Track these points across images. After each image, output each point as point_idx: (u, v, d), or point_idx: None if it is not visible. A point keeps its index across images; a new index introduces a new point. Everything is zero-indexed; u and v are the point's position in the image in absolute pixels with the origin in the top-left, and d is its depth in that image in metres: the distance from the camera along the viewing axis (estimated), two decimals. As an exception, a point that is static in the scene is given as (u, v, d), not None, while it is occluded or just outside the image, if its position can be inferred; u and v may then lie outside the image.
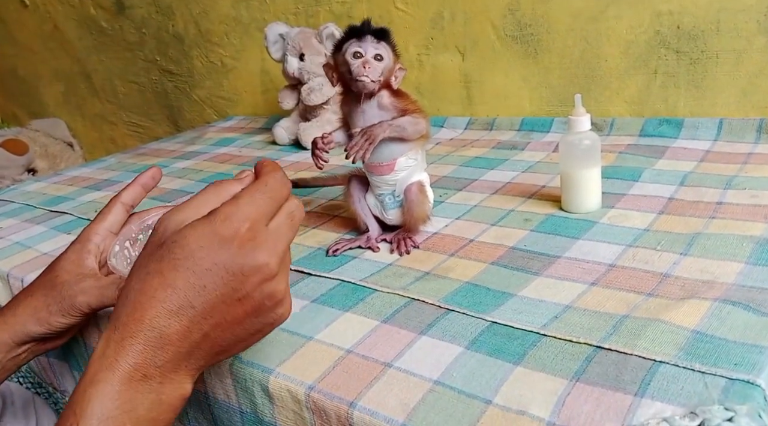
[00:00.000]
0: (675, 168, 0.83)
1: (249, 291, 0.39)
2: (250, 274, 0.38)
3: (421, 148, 0.70)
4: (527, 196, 0.81)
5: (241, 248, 0.38)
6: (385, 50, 0.65)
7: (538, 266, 0.62)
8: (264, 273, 0.39)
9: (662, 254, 0.60)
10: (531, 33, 1.08)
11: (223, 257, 0.38)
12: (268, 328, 0.42)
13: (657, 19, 0.96)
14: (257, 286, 0.39)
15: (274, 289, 0.40)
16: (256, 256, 0.38)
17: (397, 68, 0.68)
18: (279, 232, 0.41)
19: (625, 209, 0.72)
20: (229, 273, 0.38)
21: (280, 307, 0.41)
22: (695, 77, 0.96)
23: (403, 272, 0.65)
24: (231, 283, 0.38)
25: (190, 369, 0.40)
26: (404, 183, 0.70)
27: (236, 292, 0.39)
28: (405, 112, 0.67)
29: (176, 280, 0.38)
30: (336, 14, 1.30)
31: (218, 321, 0.39)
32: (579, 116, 0.71)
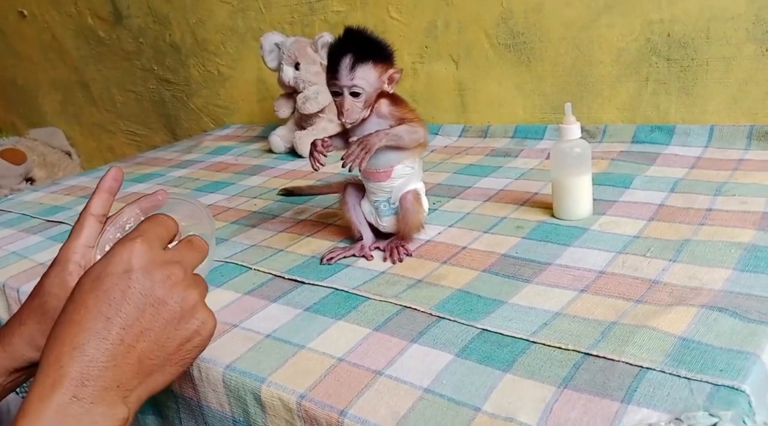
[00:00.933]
0: (666, 174, 0.83)
1: (160, 296, 0.42)
2: (156, 277, 0.43)
3: (418, 156, 0.71)
4: (520, 203, 0.82)
5: (140, 257, 0.43)
6: (363, 77, 0.64)
7: (529, 273, 0.62)
8: (170, 277, 0.43)
9: (651, 261, 0.61)
10: (524, 41, 1.09)
11: (127, 266, 0.42)
12: (197, 339, 0.44)
13: (648, 27, 0.97)
14: (168, 289, 0.43)
15: (185, 293, 0.44)
16: (155, 260, 0.43)
17: (390, 74, 0.67)
18: (178, 250, 0.47)
19: (615, 216, 0.73)
20: (135, 280, 0.42)
21: (198, 312, 0.44)
22: (686, 84, 0.97)
23: (396, 280, 0.65)
24: (139, 290, 0.42)
25: (122, 389, 0.40)
26: (400, 191, 0.70)
27: (147, 298, 0.42)
28: (403, 121, 0.68)
29: (86, 301, 0.41)
30: (331, 23, 1.31)
31: (137, 331, 0.41)
32: (569, 125, 0.72)
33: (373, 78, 0.65)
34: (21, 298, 0.77)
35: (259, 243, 0.81)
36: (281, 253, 0.76)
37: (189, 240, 0.48)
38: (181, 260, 0.45)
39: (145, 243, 0.43)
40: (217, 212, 0.95)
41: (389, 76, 0.67)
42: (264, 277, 0.70)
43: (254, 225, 0.88)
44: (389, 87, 0.67)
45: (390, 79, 0.67)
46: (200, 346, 0.45)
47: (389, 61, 0.67)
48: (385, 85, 0.67)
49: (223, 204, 0.99)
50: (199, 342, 0.45)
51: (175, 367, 0.44)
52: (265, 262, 0.74)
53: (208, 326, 0.45)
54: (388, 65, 0.67)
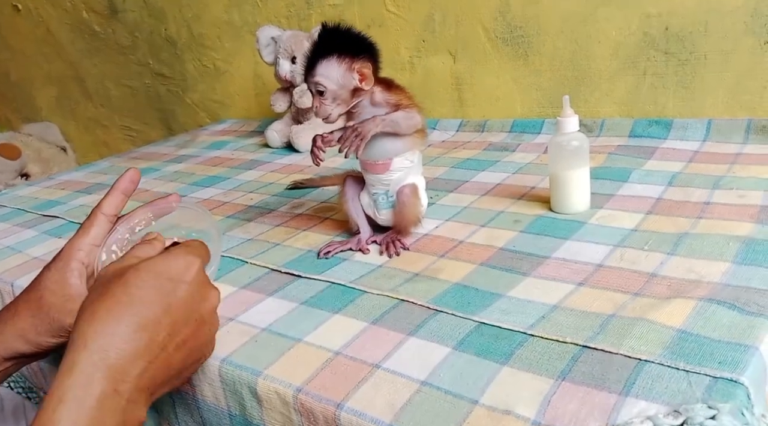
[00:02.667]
0: (664, 168, 0.83)
1: (203, 314, 0.46)
2: (204, 296, 0.46)
3: (418, 148, 0.71)
4: (517, 197, 0.81)
5: (198, 275, 0.46)
6: (324, 74, 0.64)
7: (527, 267, 0.62)
8: (212, 299, 0.47)
9: (649, 254, 0.61)
10: (521, 35, 1.08)
11: (187, 279, 0.45)
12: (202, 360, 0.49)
13: (646, 20, 0.96)
14: (208, 311, 0.47)
15: (215, 320, 0.48)
16: (205, 281, 0.47)
17: (356, 69, 0.64)
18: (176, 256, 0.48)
19: (613, 210, 0.73)
20: (190, 293, 0.45)
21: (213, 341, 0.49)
22: (684, 78, 0.96)
23: (393, 274, 0.65)
24: (191, 303, 0.44)
25: (150, 393, 0.42)
26: (398, 184, 0.70)
27: (194, 313, 0.45)
28: (398, 107, 0.67)
29: (146, 296, 0.42)
30: (328, 17, 1.30)
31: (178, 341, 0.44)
32: (567, 117, 0.71)
33: (337, 74, 0.64)
34: (15, 292, 0.76)
35: (255, 237, 0.80)
36: (278, 247, 0.76)
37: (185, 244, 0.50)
38: (214, 288, 0.48)
39: (201, 262, 0.47)
40: (214, 206, 0.95)
41: (358, 70, 0.64)
42: (260, 270, 0.70)
43: (250, 219, 0.87)
44: (364, 83, 0.65)
45: (360, 73, 0.64)
46: (199, 361, 0.49)
47: (362, 57, 0.64)
48: (356, 81, 0.65)
49: (219, 198, 0.99)
50: (201, 364, 0.50)
51: (178, 379, 0.46)
52: (262, 256, 0.73)
53: (209, 352, 0.49)
54: (359, 60, 0.64)
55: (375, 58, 0.67)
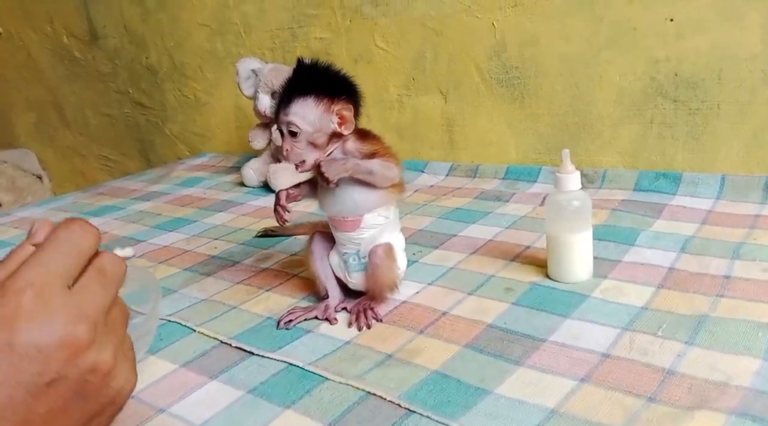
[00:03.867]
0: (674, 230, 0.74)
1: (58, 371, 0.32)
2: (51, 351, 0.32)
3: (394, 203, 0.62)
4: (510, 258, 0.72)
5: (29, 322, 0.31)
6: (299, 114, 0.56)
7: (520, 352, 0.53)
8: (71, 345, 0.32)
9: (664, 342, 0.51)
10: (517, 76, 1.01)
11: (9, 338, 0.31)
12: (111, 409, 0.36)
13: (653, 65, 0.89)
14: (67, 362, 0.32)
15: (94, 361, 0.33)
16: (53, 328, 0.32)
17: (336, 111, 0.57)
18: (86, 292, 0.35)
19: (619, 280, 0.63)
20: (24, 355, 0.31)
21: (114, 380, 0.34)
22: (694, 129, 0.88)
23: (362, 354, 0.55)
24: (29, 368, 0.31)
25: None
26: (371, 243, 0.61)
27: (41, 377, 0.31)
28: (373, 156, 0.59)
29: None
30: (314, 51, 1.22)
31: (27, 419, 0.31)
32: (567, 173, 0.62)
33: (314, 116, 0.56)
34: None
35: (210, 297, 0.70)
36: (233, 311, 0.66)
37: (99, 269, 0.36)
38: (88, 309, 0.34)
39: (37, 296, 0.32)
40: (172, 256, 0.85)
41: (337, 112, 0.57)
42: (208, 342, 0.60)
43: (209, 273, 0.77)
44: (342, 127, 0.58)
45: (340, 117, 0.57)
46: (115, 413, 0.36)
47: (342, 98, 0.57)
48: (335, 124, 0.57)
49: (180, 245, 0.89)
50: (112, 412, 0.36)
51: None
52: (213, 322, 0.64)
53: (125, 390, 0.35)
54: (339, 101, 0.57)
55: (356, 100, 0.60)
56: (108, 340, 0.34)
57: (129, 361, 0.36)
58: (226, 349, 0.58)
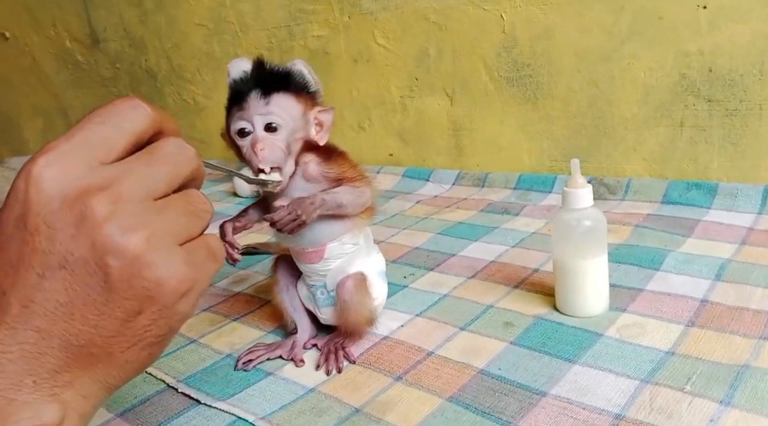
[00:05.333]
0: (708, 252, 0.63)
1: (74, 251, 0.25)
2: (57, 223, 0.25)
3: (363, 227, 0.53)
4: (514, 284, 0.62)
5: (44, 192, 0.25)
6: (280, 108, 0.47)
7: (514, 410, 0.43)
8: (88, 212, 0.25)
9: (693, 401, 0.41)
10: (529, 74, 0.90)
11: (21, 212, 0.26)
12: (151, 307, 0.27)
13: (683, 59, 0.78)
14: (76, 237, 0.25)
15: (111, 239, 0.25)
16: (68, 191, 0.25)
17: (316, 113, 0.49)
18: (120, 166, 0.27)
19: (640, 315, 0.53)
20: (36, 230, 0.25)
21: (147, 269, 0.26)
22: (732, 132, 0.77)
23: (326, 406, 0.46)
24: (44, 244, 0.25)
25: (44, 385, 0.26)
26: (338, 275, 0.52)
27: (50, 257, 0.25)
28: (340, 182, 0.50)
29: None
30: (311, 50, 1.14)
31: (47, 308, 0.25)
32: (576, 188, 0.52)
33: (296, 112, 0.48)
34: None
35: (171, 327, 0.62)
36: (192, 345, 0.58)
37: (149, 149, 0.29)
38: (117, 181, 0.26)
39: (57, 162, 0.26)
40: (143, 276, 0.77)
41: (317, 116, 0.49)
42: (154, 385, 0.52)
43: (177, 298, 0.69)
44: (320, 134, 0.49)
45: (318, 122, 0.50)
46: (163, 316, 0.27)
47: (315, 99, 0.50)
48: (313, 128, 0.49)
49: (154, 264, 0.81)
50: (157, 312, 0.27)
51: (131, 351, 0.27)
52: (167, 359, 0.56)
53: (171, 284, 0.27)
54: (313, 102, 0.50)
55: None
56: (139, 221, 0.26)
57: (179, 257, 0.27)
58: (171, 396, 0.50)
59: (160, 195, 0.27)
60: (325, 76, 1.12)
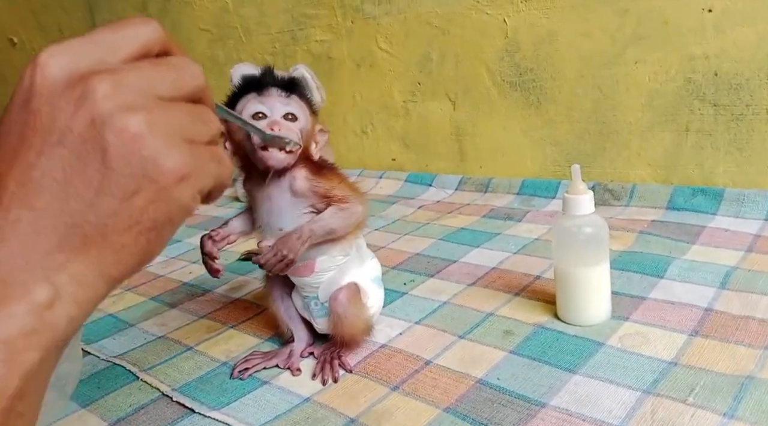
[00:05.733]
0: (714, 259, 0.62)
1: (66, 123, 0.24)
2: (65, 96, 0.24)
3: (353, 239, 0.52)
4: (515, 291, 0.62)
5: (48, 70, 0.25)
6: (299, 107, 0.48)
7: (512, 421, 0.42)
8: (89, 89, 0.24)
9: (696, 413, 0.40)
10: (532, 79, 0.89)
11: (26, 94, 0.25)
12: (149, 187, 0.25)
13: (688, 64, 0.77)
14: (80, 111, 0.24)
15: (110, 113, 0.24)
16: (71, 71, 0.25)
17: (317, 131, 0.50)
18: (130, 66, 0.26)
19: (643, 324, 0.52)
20: (35, 106, 0.24)
21: (145, 148, 0.25)
22: (738, 137, 0.76)
23: (321, 416, 0.46)
24: (40, 118, 0.24)
25: (36, 267, 0.25)
26: (331, 287, 0.51)
27: (49, 130, 0.24)
28: (329, 199, 0.49)
29: None
30: (315, 54, 1.14)
31: (40, 183, 0.24)
32: (577, 194, 0.51)
33: (308, 117, 0.49)
34: None
35: (169, 333, 0.62)
36: (188, 352, 0.57)
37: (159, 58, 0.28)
38: (122, 71, 0.26)
39: (64, 52, 0.25)
40: (143, 282, 0.77)
41: (318, 130, 0.50)
42: (149, 393, 0.51)
43: (175, 304, 0.69)
44: (315, 149, 0.50)
45: (316, 139, 0.50)
46: (161, 199, 0.26)
47: (316, 116, 0.51)
48: (313, 143, 0.50)
49: (155, 270, 0.81)
50: (154, 192, 0.26)
51: (127, 234, 0.26)
52: (162, 367, 0.55)
53: (167, 165, 0.25)
54: (316, 119, 0.50)
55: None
56: (140, 105, 0.25)
57: (180, 144, 0.26)
58: (165, 404, 0.49)
59: (165, 98, 0.26)
60: (328, 81, 1.11)
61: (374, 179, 1.08)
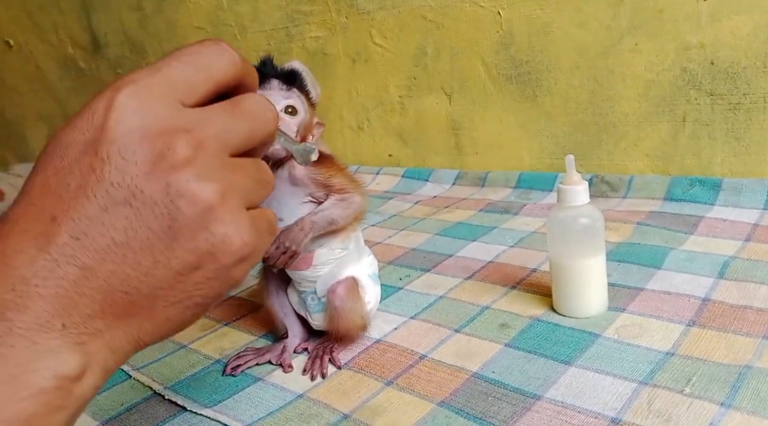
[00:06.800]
0: (712, 249, 0.61)
1: (144, 187, 0.23)
2: (142, 155, 0.23)
3: (352, 232, 0.51)
4: (511, 284, 0.61)
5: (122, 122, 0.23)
6: (299, 100, 0.48)
7: (506, 414, 0.42)
8: (169, 151, 0.23)
9: (693, 404, 0.40)
10: (528, 71, 0.89)
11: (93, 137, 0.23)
12: (211, 264, 0.24)
13: (684, 53, 0.76)
14: (160, 177, 0.23)
15: (187, 184, 0.23)
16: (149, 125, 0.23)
17: (315, 124, 0.50)
18: (203, 112, 0.25)
19: (640, 315, 0.51)
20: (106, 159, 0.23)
21: (215, 223, 0.24)
22: (736, 126, 0.75)
23: (314, 412, 0.45)
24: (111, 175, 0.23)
25: (73, 332, 0.23)
26: (329, 281, 0.51)
27: (122, 189, 0.23)
28: (329, 188, 0.49)
29: (33, 185, 0.24)
30: (309, 51, 1.13)
31: (101, 244, 0.23)
32: (571, 185, 0.51)
33: (306, 111, 0.49)
34: None
35: (162, 332, 0.61)
36: (182, 350, 0.57)
37: (232, 101, 0.27)
38: (200, 127, 0.25)
39: (141, 95, 0.24)
40: (138, 280, 0.77)
41: (316, 123, 0.50)
42: (141, 392, 0.51)
43: (170, 303, 0.68)
44: (313, 140, 0.50)
45: (313, 132, 0.50)
46: (218, 277, 0.25)
47: (314, 108, 0.51)
48: (309, 135, 0.49)
49: (150, 268, 0.81)
50: (214, 271, 0.25)
51: (175, 308, 0.25)
52: (155, 365, 0.55)
53: (235, 244, 0.25)
54: (314, 112, 0.50)
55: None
56: (217, 174, 0.24)
57: (246, 220, 0.25)
58: (157, 402, 0.49)
59: (237, 152, 0.26)
60: (324, 76, 1.11)
61: (371, 175, 1.08)
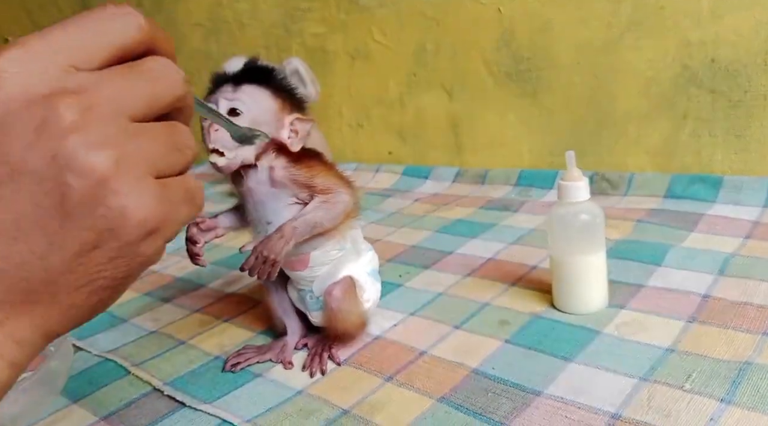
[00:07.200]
0: (712, 246, 0.61)
1: (23, 158, 0.21)
2: (22, 122, 0.21)
3: (347, 231, 0.51)
4: (511, 281, 0.61)
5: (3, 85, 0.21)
6: (249, 96, 0.45)
7: (506, 410, 0.41)
8: (52, 117, 0.21)
9: (693, 399, 0.40)
10: (529, 68, 0.89)
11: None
12: (111, 241, 0.22)
13: (685, 50, 0.76)
14: (35, 144, 0.21)
15: (74, 154, 0.21)
16: (33, 87, 0.21)
17: (293, 120, 0.47)
18: (98, 77, 0.22)
19: (640, 311, 0.51)
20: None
21: (112, 196, 0.21)
22: (736, 124, 0.75)
23: (313, 408, 0.45)
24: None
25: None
26: (326, 281, 0.50)
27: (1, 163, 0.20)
28: (311, 189, 0.47)
29: None
30: (309, 48, 1.13)
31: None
32: (572, 181, 0.51)
33: (267, 106, 0.46)
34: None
35: (161, 328, 0.61)
36: (181, 347, 0.57)
37: (132, 64, 0.24)
38: (91, 89, 0.22)
39: (25, 59, 0.21)
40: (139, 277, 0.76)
41: (293, 121, 0.47)
42: (140, 388, 0.51)
43: (169, 298, 0.68)
44: (292, 140, 0.47)
45: (294, 129, 0.47)
46: (122, 255, 0.23)
47: (298, 106, 0.48)
48: (285, 131, 0.47)
49: (149, 265, 0.80)
50: (117, 249, 0.22)
51: (79, 294, 0.23)
52: (154, 361, 0.54)
53: (136, 217, 0.22)
54: (295, 107, 0.48)
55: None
56: (110, 140, 0.22)
57: (150, 189, 0.23)
58: (157, 398, 0.49)
59: (138, 116, 0.23)
60: (323, 73, 1.11)
61: (371, 173, 1.07)
